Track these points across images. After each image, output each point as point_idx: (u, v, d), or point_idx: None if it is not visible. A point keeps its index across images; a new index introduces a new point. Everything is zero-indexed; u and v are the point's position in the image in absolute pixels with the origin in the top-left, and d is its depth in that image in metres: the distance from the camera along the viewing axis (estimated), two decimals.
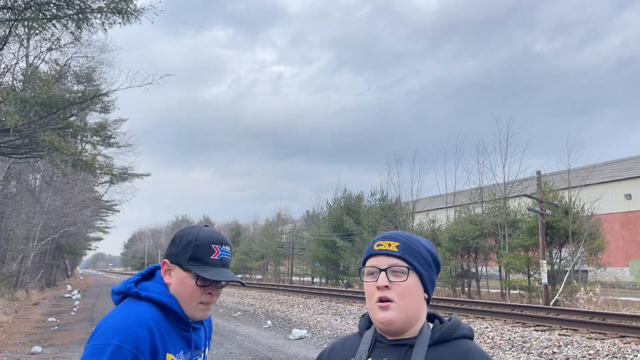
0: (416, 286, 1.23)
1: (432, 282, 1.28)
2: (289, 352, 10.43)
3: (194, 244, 1.48)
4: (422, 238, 1.32)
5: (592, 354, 9.03)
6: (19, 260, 25.43)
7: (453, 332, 1.22)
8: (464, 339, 1.23)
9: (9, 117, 11.36)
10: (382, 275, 1.21)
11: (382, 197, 34.19)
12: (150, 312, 1.43)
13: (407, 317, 1.21)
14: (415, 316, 1.22)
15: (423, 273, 1.24)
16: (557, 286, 20.04)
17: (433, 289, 1.29)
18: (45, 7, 12.78)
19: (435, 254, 1.30)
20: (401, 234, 1.29)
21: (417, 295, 1.23)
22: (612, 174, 36.25)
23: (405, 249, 1.24)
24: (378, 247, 1.26)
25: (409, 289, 1.21)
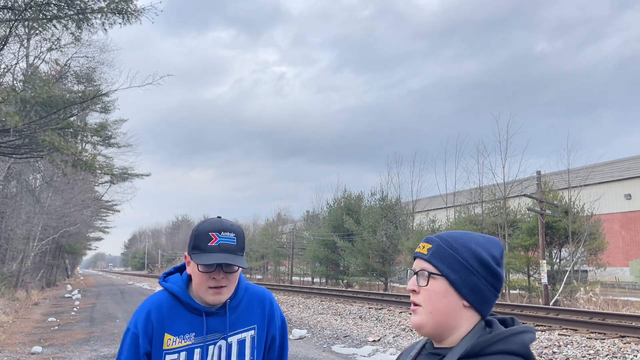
0: (444, 292, 1.14)
1: (473, 287, 1.13)
2: (289, 352, 10.43)
3: (194, 234, 1.62)
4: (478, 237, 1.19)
5: (592, 353, 9.04)
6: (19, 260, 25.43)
7: (492, 345, 1.07)
8: (508, 355, 1.05)
9: (9, 117, 11.37)
10: (413, 279, 1.19)
11: (382, 197, 34.20)
12: (158, 297, 1.64)
13: (436, 323, 1.14)
14: (447, 323, 1.14)
15: (452, 277, 1.14)
16: (557, 286, 20.05)
17: (478, 294, 1.13)
18: (45, 8, 12.79)
19: (483, 256, 1.15)
20: (445, 234, 1.21)
21: (445, 301, 1.14)
22: (612, 174, 36.26)
23: (435, 252, 1.17)
24: (417, 250, 1.23)
25: (433, 294, 1.15)
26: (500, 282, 1.14)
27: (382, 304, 18.98)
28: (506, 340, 1.06)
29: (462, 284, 1.13)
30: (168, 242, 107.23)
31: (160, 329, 1.59)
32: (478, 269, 1.14)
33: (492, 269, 1.14)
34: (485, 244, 1.16)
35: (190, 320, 1.61)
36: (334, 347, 11.17)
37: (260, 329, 1.73)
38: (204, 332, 1.61)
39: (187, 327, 1.61)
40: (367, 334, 12.72)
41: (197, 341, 1.61)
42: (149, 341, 1.59)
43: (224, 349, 1.64)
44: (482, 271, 1.14)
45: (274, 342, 1.82)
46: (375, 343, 11.58)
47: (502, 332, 1.08)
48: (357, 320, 15.31)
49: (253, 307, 1.74)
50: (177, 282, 1.67)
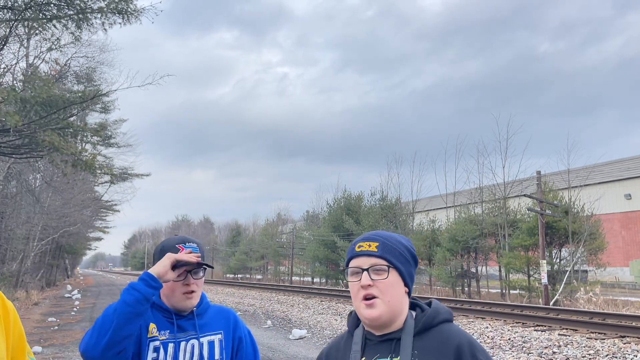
0: (397, 282, 1.32)
1: (411, 276, 1.38)
2: (289, 352, 10.44)
3: (162, 249, 1.85)
4: (399, 236, 1.41)
5: (592, 354, 9.03)
6: (19, 260, 25.43)
7: (434, 319, 1.32)
8: (445, 322, 1.32)
9: (9, 117, 11.36)
10: (365, 275, 1.31)
11: (382, 197, 34.21)
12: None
13: (391, 311, 1.30)
14: (399, 310, 1.32)
15: (402, 269, 1.33)
16: (557, 286, 20.04)
17: (412, 282, 1.38)
18: (45, 8, 12.79)
19: (412, 250, 1.39)
20: (380, 234, 1.38)
21: (398, 290, 1.32)
22: (612, 174, 36.26)
23: (384, 249, 1.33)
24: (359, 249, 1.35)
25: (391, 285, 1.30)
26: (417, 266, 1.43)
27: None
28: (442, 313, 1.33)
29: (407, 273, 1.35)
30: None
31: (147, 319, 1.81)
32: (410, 259, 1.37)
33: (417, 260, 1.41)
34: (406, 240, 1.41)
35: (164, 322, 1.85)
36: None
37: (226, 334, 1.94)
38: (175, 330, 1.84)
39: (163, 326, 1.84)
40: None
41: (170, 337, 1.82)
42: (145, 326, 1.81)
43: (197, 347, 1.85)
44: (412, 262, 1.38)
45: (241, 341, 1.98)
46: None
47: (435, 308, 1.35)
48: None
49: (218, 318, 1.96)
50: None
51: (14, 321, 1.56)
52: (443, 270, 25.62)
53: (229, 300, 24.90)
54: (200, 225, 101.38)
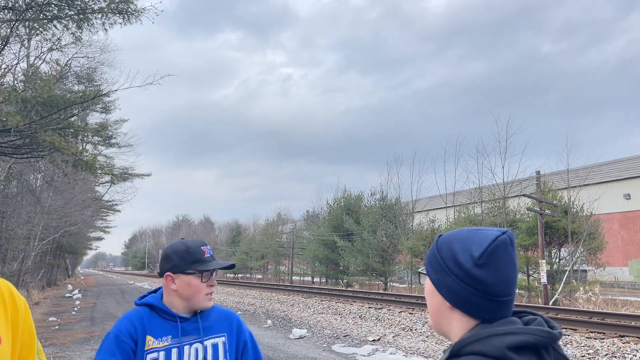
0: (432, 291, 1.12)
1: (449, 288, 1.07)
2: (289, 351, 10.48)
3: (189, 251, 1.86)
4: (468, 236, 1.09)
5: (592, 353, 9.07)
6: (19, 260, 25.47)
7: (467, 346, 1.01)
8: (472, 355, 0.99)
9: (10, 117, 11.40)
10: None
11: (382, 197, 34.24)
12: (136, 310, 1.90)
13: (433, 321, 1.14)
14: (439, 322, 1.12)
15: (433, 277, 1.11)
16: (557, 286, 20.08)
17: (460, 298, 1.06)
18: (46, 8, 12.82)
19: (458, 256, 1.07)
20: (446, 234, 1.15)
21: (432, 300, 1.12)
22: (611, 174, 36.29)
23: (428, 252, 1.16)
24: None
25: (426, 293, 1.15)
26: (485, 283, 1.03)
27: (381, 303, 19.02)
28: (484, 341, 0.99)
29: (440, 284, 1.09)
30: (169, 241, 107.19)
31: (143, 332, 1.81)
32: (454, 269, 1.06)
33: (467, 270, 1.04)
34: (469, 243, 1.07)
35: (165, 326, 1.85)
36: (334, 346, 11.20)
37: (230, 336, 1.96)
38: (179, 334, 1.84)
39: (164, 332, 1.84)
40: (367, 333, 12.76)
41: (173, 342, 1.82)
42: (133, 341, 1.80)
43: (201, 351, 1.86)
44: (458, 272, 1.06)
45: (246, 345, 2.01)
46: (375, 342, 11.61)
47: (483, 332, 1.01)
48: (357, 319, 15.35)
49: (222, 321, 1.98)
50: (153, 297, 1.92)
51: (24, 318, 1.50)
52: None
53: (230, 299, 24.94)
54: (200, 225, 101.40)
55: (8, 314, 1.45)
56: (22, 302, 1.52)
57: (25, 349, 1.51)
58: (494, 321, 1.04)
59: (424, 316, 14.94)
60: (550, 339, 0.99)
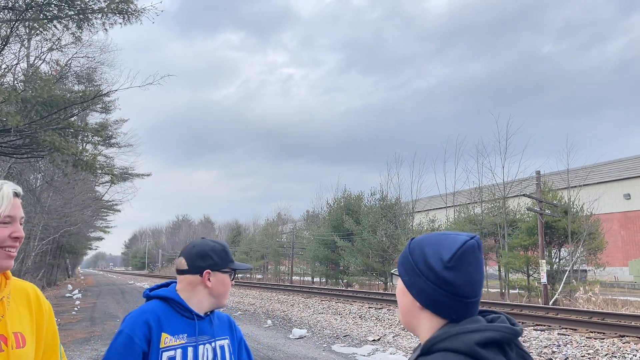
0: (403, 291, 1.18)
1: (421, 290, 1.12)
2: (289, 351, 10.48)
3: (226, 250, 1.95)
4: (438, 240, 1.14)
5: (592, 353, 9.07)
6: (20, 259, 25.47)
7: (439, 343, 1.06)
8: (443, 352, 1.03)
9: (10, 117, 11.40)
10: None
11: (382, 197, 34.23)
12: (151, 304, 1.86)
13: (403, 320, 1.20)
14: (409, 321, 1.18)
15: (405, 279, 1.16)
16: (557, 286, 20.08)
17: (430, 299, 1.11)
18: (46, 8, 12.82)
19: (429, 259, 1.11)
20: (418, 238, 1.20)
21: (403, 300, 1.17)
22: (611, 173, 36.29)
23: (401, 254, 1.21)
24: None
25: (397, 293, 1.20)
26: (454, 285, 1.07)
27: (381, 303, 19.02)
28: (454, 338, 1.04)
29: (411, 285, 1.14)
30: (168, 241, 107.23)
31: (158, 329, 1.77)
32: (425, 271, 1.11)
33: (437, 272, 1.09)
34: (439, 247, 1.11)
35: (182, 323, 1.83)
36: (333, 346, 11.20)
37: (231, 338, 2.00)
38: (196, 333, 1.83)
39: (180, 329, 1.82)
40: (367, 333, 12.76)
41: (189, 341, 1.81)
42: (146, 341, 1.75)
43: (211, 352, 1.87)
44: (428, 274, 1.10)
45: (240, 343, 2.06)
46: (375, 342, 11.61)
47: (452, 330, 1.06)
48: (357, 319, 15.35)
49: (224, 322, 2.02)
50: (168, 291, 1.90)
51: (48, 321, 1.55)
52: None
53: (230, 299, 24.95)
54: (200, 225, 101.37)
55: (33, 317, 1.49)
56: (47, 306, 1.57)
57: (48, 350, 1.55)
58: (461, 320, 1.09)
59: None
60: (513, 334, 1.04)
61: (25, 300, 1.50)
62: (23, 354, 1.40)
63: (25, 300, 1.50)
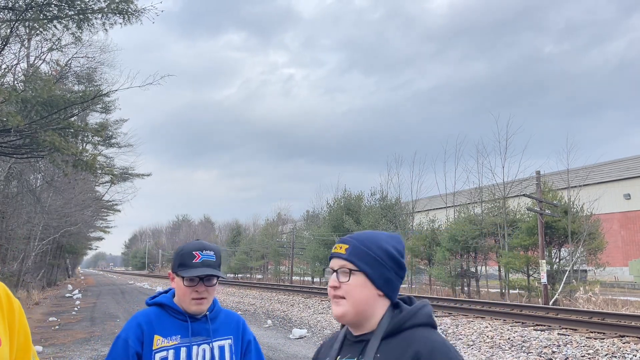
0: (362, 284, 1.30)
1: (387, 279, 1.31)
2: (289, 351, 10.48)
3: (180, 254, 1.91)
4: (386, 236, 1.37)
5: (592, 353, 9.07)
6: (20, 259, 25.47)
7: (406, 322, 1.26)
8: (420, 327, 1.26)
9: (11, 117, 11.40)
10: (333, 276, 1.35)
11: (382, 197, 34.23)
12: (147, 311, 1.93)
13: (357, 312, 1.30)
14: (367, 310, 1.30)
15: (369, 272, 1.30)
16: (557, 286, 20.08)
17: (389, 285, 1.32)
18: (46, 8, 12.82)
19: (393, 252, 1.33)
20: (357, 236, 1.38)
21: (364, 292, 1.30)
22: (611, 173, 36.29)
23: (352, 251, 1.33)
24: (334, 250, 1.39)
25: (354, 288, 1.30)
26: (404, 270, 1.35)
27: None
28: (415, 316, 1.27)
29: (378, 277, 1.31)
30: (169, 241, 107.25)
31: (150, 331, 1.85)
32: (388, 262, 1.32)
33: (398, 261, 1.33)
34: (391, 241, 1.35)
35: (175, 325, 1.89)
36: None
37: (235, 339, 2.00)
38: (189, 334, 1.87)
39: (173, 331, 1.88)
40: None
41: (182, 342, 1.86)
42: (139, 343, 1.84)
43: (208, 352, 1.89)
44: (391, 264, 1.32)
45: (249, 346, 2.05)
46: None
47: (410, 310, 1.28)
48: None
49: (229, 323, 2.02)
50: (164, 297, 1.98)
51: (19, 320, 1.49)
52: (443, 270, 25.66)
53: (230, 299, 24.93)
54: (200, 225, 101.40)
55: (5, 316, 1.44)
56: (17, 304, 1.51)
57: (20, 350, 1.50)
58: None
59: None
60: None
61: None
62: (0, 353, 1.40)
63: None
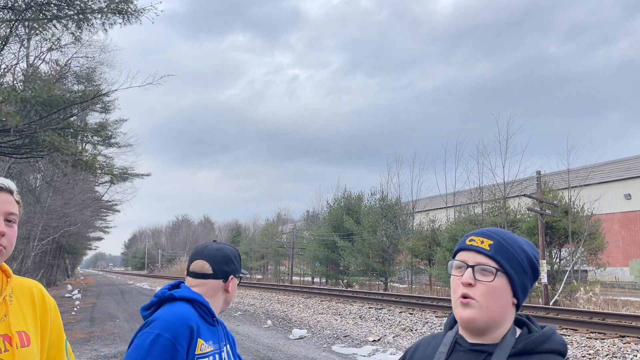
0: (503, 289, 1.16)
1: (524, 287, 1.19)
2: (289, 351, 10.46)
3: (237, 256, 1.95)
4: (523, 240, 1.24)
5: (592, 353, 9.05)
6: (19, 260, 25.46)
7: (540, 345, 1.13)
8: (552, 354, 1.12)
9: (10, 117, 11.39)
10: (469, 272, 1.17)
11: (382, 197, 34.21)
12: (187, 308, 1.75)
13: (489, 319, 1.15)
14: (499, 320, 1.16)
15: (514, 276, 1.16)
16: (557, 286, 20.06)
17: (525, 295, 1.20)
18: (45, 8, 12.81)
19: (533, 259, 1.21)
20: (499, 232, 1.22)
21: (503, 298, 1.16)
22: (611, 174, 36.27)
23: (498, 249, 1.18)
24: (470, 242, 1.21)
25: (495, 291, 1.15)
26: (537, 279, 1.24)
27: (382, 303, 18.99)
28: (551, 340, 1.14)
29: (519, 283, 1.18)
30: (168, 242, 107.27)
31: (197, 334, 1.72)
32: (529, 270, 1.20)
33: (537, 270, 1.22)
34: (530, 246, 1.23)
35: (209, 330, 1.80)
36: (334, 346, 11.18)
37: (231, 343, 1.98)
38: (219, 339, 1.84)
39: (209, 335, 1.79)
40: (367, 333, 12.74)
41: (215, 348, 1.80)
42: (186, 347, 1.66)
43: (225, 356, 1.86)
44: (530, 272, 1.20)
45: (235, 345, 2.03)
46: (375, 343, 11.59)
47: (545, 332, 1.16)
48: (357, 320, 15.33)
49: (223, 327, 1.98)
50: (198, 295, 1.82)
51: (53, 318, 1.54)
52: (443, 270, 25.63)
53: None
54: (200, 225, 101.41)
55: (37, 315, 1.49)
56: (52, 303, 1.56)
57: (53, 349, 1.55)
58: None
59: (424, 316, 14.93)
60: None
61: (29, 299, 1.50)
62: (28, 352, 1.41)
63: (29, 298, 1.50)
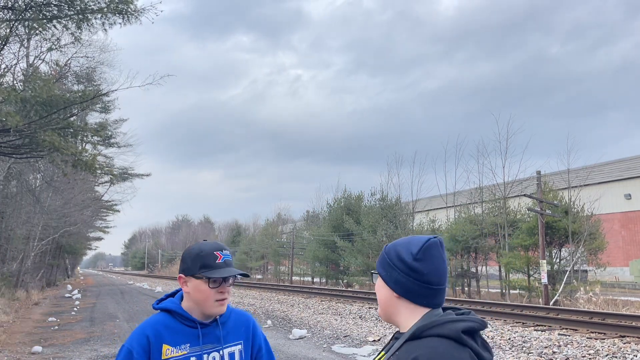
0: (380, 285, 1.39)
1: (396, 280, 1.33)
2: (289, 351, 10.45)
3: (200, 255, 1.80)
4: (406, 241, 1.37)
5: (592, 353, 9.05)
6: (19, 260, 25.45)
7: (429, 330, 1.24)
8: (435, 337, 1.22)
9: (10, 117, 11.38)
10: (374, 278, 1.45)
11: (382, 197, 34.19)
12: (153, 317, 1.83)
13: (382, 312, 1.40)
14: (388, 311, 1.38)
15: (382, 274, 1.38)
16: (557, 286, 20.05)
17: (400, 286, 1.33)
18: (45, 8, 12.80)
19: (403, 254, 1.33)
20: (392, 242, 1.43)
21: (382, 293, 1.38)
22: (611, 173, 36.25)
23: (378, 257, 1.42)
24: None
25: (376, 288, 1.41)
26: (420, 273, 1.30)
27: None
28: (442, 326, 1.23)
29: (388, 278, 1.36)
30: (168, 242, 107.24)
31: (158, 341, 1.75)
32: (399, 265, 1.33)
33: (409, 263, 1.32)
34: (408, 245, 1.35)
35: (185, 333, 1.79)
36: (334, 346, 11.18)
37: (246, 344, 1.92)
38: (200, 342, 1.79)
39: (183, 339, 1.78)
40: (367, 333, 12.73)
41: (192, 351, 1.78)
42: (145, 354, 1.74)
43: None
44: (401, 266, 1.33)
45: (260, 350, 1.98)
46: (375, 343, 11.59)
47: (440, 319, 1.26)
48: (357, 320, 15.32)
49: (239, 326, 1.94)
50: (171, 302, 1.87)
51: None
52: None
53: (229, 300, 24.90)
54: (200, 225, 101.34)
55: None
56: None
57: None
58: (432, 307, 1.32)
59: None
60: (483, 326, 1.27)
61: None
62: None
63: None
